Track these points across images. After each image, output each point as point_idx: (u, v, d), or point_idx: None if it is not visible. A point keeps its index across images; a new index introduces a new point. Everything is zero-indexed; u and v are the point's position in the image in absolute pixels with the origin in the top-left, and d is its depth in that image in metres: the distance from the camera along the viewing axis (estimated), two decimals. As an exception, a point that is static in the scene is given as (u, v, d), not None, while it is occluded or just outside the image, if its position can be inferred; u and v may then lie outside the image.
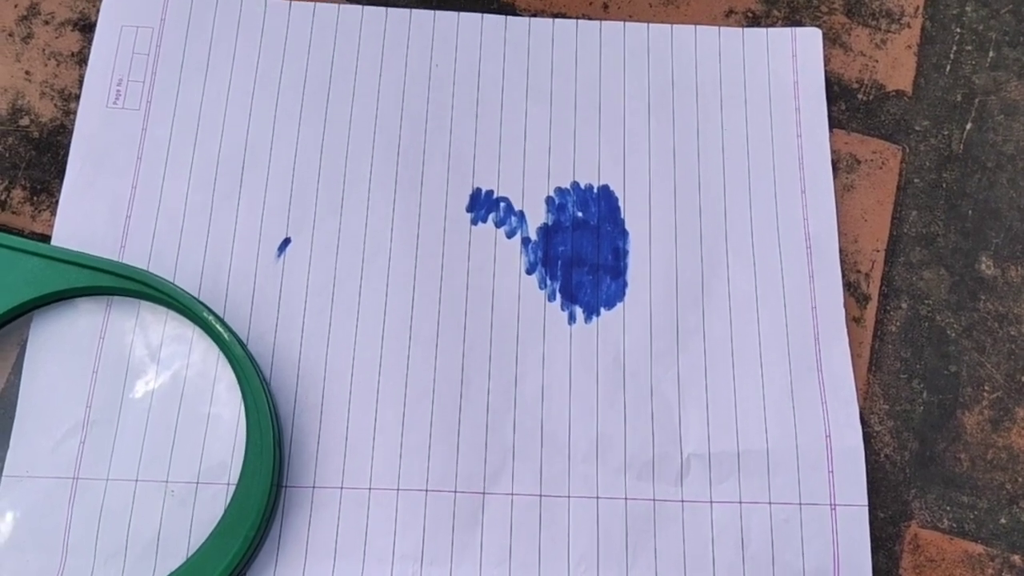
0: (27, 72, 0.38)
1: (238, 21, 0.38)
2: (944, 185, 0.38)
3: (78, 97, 0.37)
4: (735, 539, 0.32)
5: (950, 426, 0.35)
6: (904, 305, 0.36)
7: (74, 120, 0.37)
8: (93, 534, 0.32)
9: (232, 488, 0.32)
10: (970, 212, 0.38)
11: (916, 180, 0.38)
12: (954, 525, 0.34)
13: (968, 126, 0.39)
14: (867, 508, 0.33)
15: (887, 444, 0.35)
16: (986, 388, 0.35)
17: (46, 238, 0.35)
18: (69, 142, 0.36)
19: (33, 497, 0.32)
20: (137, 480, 0.32)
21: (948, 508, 0.34)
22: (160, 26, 0.38)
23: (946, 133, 0.39)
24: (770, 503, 0.33)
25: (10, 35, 0.38)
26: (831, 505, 0.33)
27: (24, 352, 0.33)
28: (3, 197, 0.36)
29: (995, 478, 0.34)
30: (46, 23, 0.38)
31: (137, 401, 0.33)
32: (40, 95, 0.37)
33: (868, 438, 0.34)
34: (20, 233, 0.35)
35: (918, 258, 0.37)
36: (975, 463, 0.34)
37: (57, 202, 0.35)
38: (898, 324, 0.36)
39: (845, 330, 0.35)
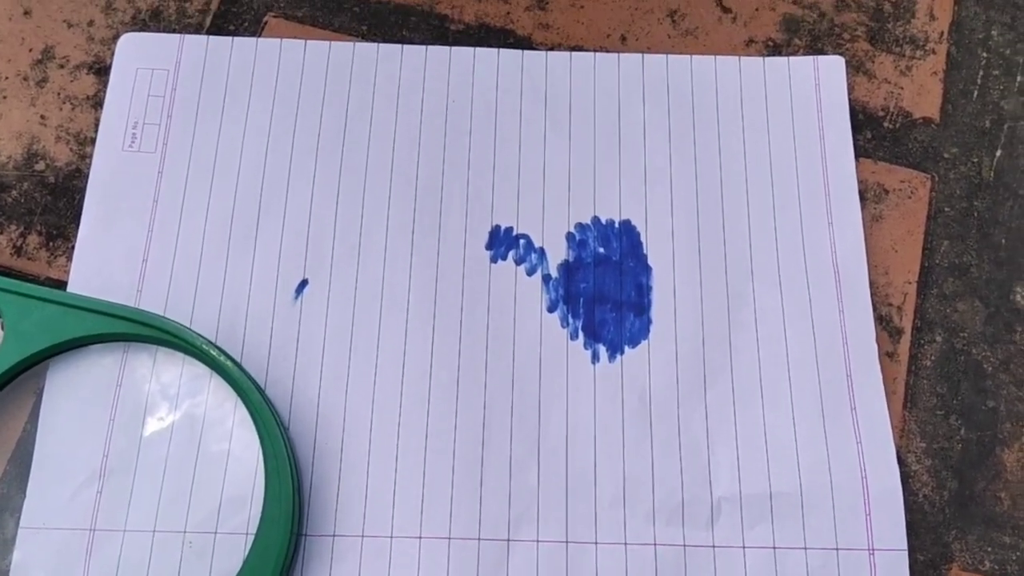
0: (42, 116, 0.38)
1: (253, 62, 0.38)
2: (976, 213, 0.37)
3: (94, 141, 0.37)
4: (770, 586, 0.31)
5: (989, 464, 0.34)
6: (938, 338, 0.35)
7: (90, 164, 0.36)
8: (110, 588, 0.31)
9: (251, 537, 0.31)
10: (1003, 241, 0.37)
11: (947, 209, 0.37)
12: (996, 567, 0.32)
13: (998, 153, 0.38)
14: (907, 552, 0.32)
15: (925, 484, 0.33)
16: (1026, 423, 0.34)
17: (62, 284, 0.35)
18: (85, 186, 0.36)
19: (50, 549, 0.31)
20: (155, 531, 0.32)
21: (989, 549, 0.33)
22: (175, 68, 0.38)
23: (976, 160, 0.38)
24: (805, 548, 0.32)
25: (25, 79, 0.38)
26: (869, 550, 0.32)
27: (40, 401, 0.33)
28: (19, 243, 0.36)
29: (1038, 517, 0.33)
30: (61, 67, 0.38)
31: (154, 449, 0.33)
32: (55, 139, 0.37)
33: (905, 478, 0.33)
34: (36, 279, 0.35)
35: (951, 289, 0.36)
36: (1016, 502, 0.33)
37: (73, 247, 0.35)
38: (933, 358, 0.35)
39: (878, 365, 0.34)
